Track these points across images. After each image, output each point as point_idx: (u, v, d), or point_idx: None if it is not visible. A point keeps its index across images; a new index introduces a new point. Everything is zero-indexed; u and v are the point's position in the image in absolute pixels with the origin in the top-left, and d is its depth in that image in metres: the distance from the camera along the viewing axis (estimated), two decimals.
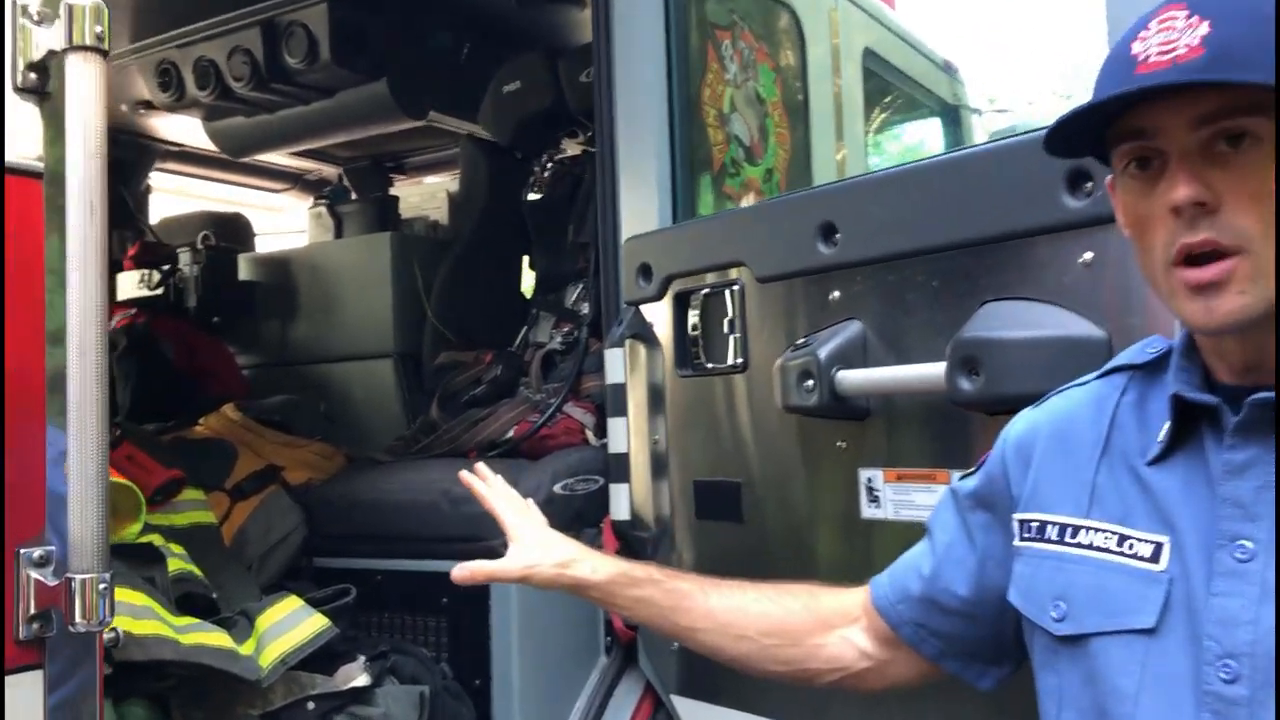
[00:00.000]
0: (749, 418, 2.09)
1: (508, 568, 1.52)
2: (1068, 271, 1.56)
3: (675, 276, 2.23)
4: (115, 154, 4.26)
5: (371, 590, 2.49)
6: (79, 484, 1.24)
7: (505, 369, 2.90)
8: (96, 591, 1.25)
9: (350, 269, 3.33)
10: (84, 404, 1.24)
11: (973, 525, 1.30)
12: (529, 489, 2.41)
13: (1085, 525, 1.16)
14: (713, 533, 2.16)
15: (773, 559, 2.06)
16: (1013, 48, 5.00)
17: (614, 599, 1.49)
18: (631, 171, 2.40)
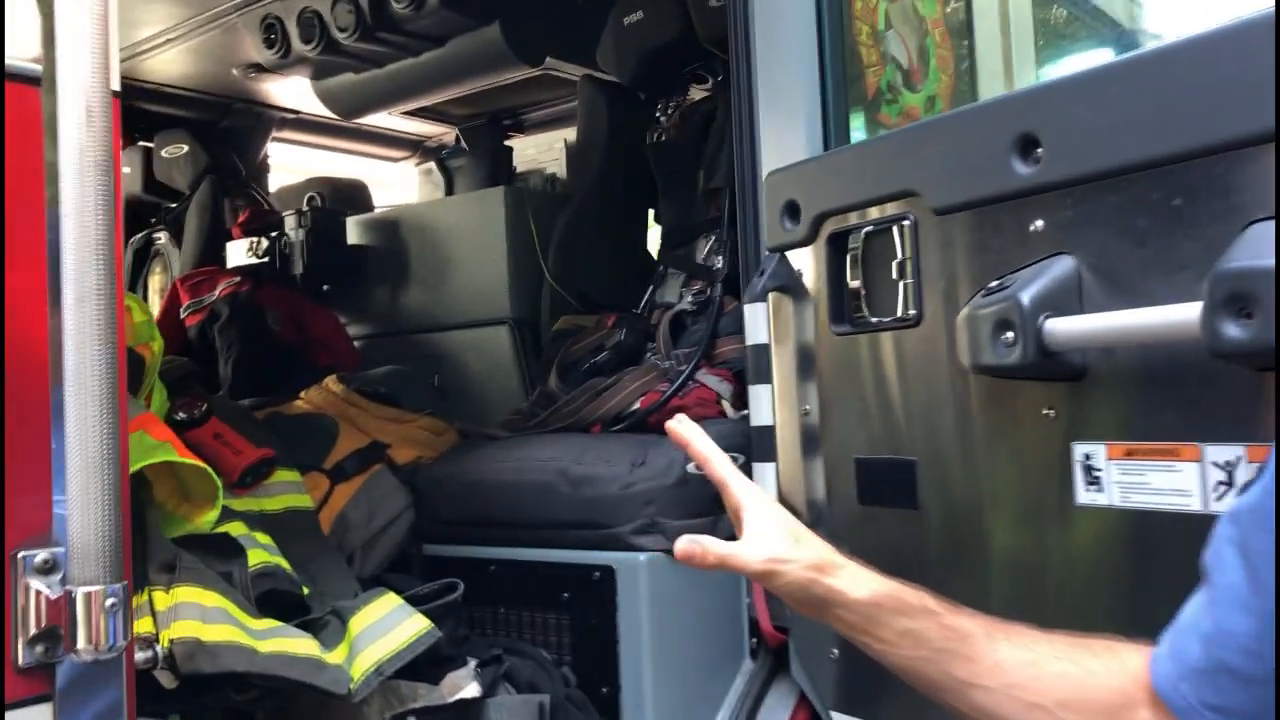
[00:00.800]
0: (924, 381, 1.72)
1: (746, 556, 1.19)
2: None
3: (828, 215, 1.87)
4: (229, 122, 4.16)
5: (484, 582, 2.22)
6: (78, 469, 0.96)
7: (630, 333, 2.59)
8: (103, 609, 0.97)
9: (461, 228, 3.06)
10: (83, 365, 0.96)
11: (1258, 555, 0.92)
12: (658, 469, 2.10)
13: None
14: (879, 522, 1.80)
15: (953, 554, 1.69)
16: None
17: (873, 626, 1.15)
18: (773, 97, 2.06)
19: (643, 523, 2.04)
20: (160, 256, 4.23)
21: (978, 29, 2.82)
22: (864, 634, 1.16)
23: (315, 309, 3.27)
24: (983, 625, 1.12)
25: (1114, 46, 3.89)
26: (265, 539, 1.92)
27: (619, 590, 2.04)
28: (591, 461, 2.14)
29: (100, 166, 0.97)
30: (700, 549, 1.19)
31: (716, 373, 2.41)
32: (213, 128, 4.21)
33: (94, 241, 0.96)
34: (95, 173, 0.97)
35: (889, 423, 1.79)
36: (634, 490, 2.07)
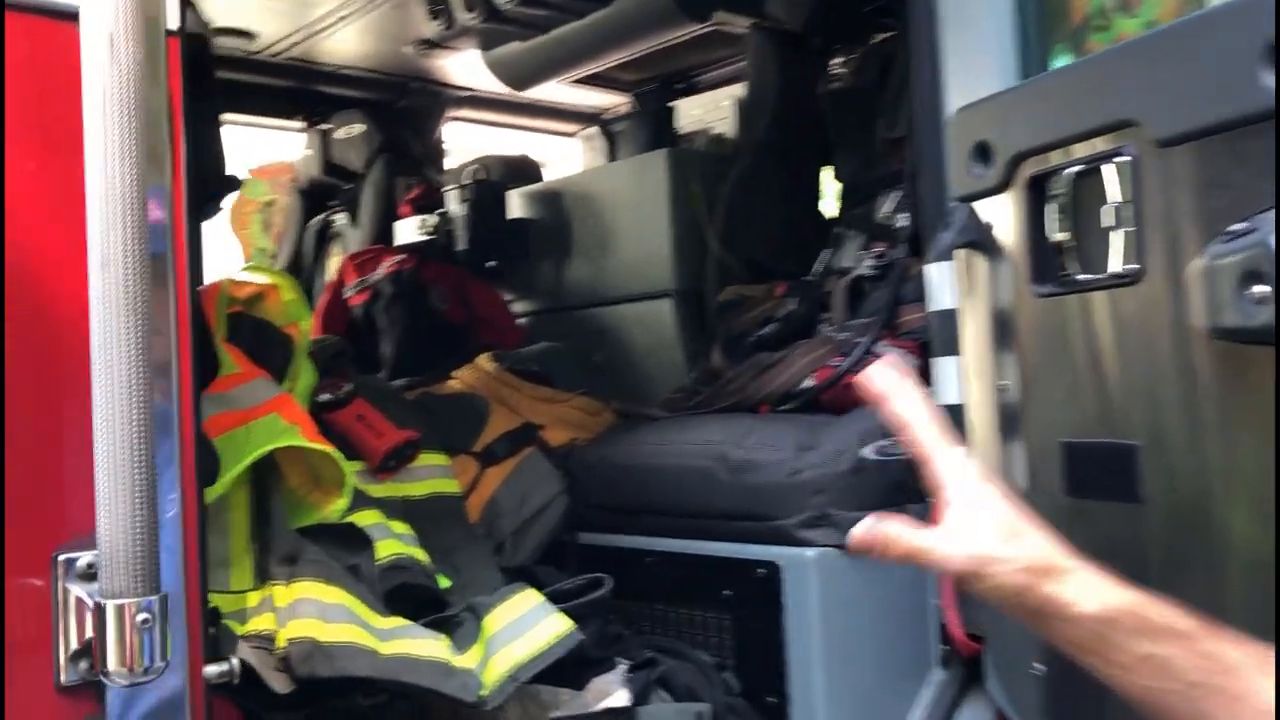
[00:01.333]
0: (1147, 349, 1.43)
1: (945, 551, 0.96)
2: None
3: (1026, 155, 1.58)
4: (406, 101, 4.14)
5: (640, 575, 2.04)
6: (104, 462, 0.82)
7: (802, 302, 2.35)
8: (135, 625, 0.83)
9: (623, 196, 2.88)
10: (108, 341, 0.82)
11: None
12: (829, 454, 1.86)
13: None
14: (1092, 517, 1.51)
15: (1182, 555, 1.40)
16: None
17: (1105, 648, 0.90)
18: (960, 25, 1.80)
19: (811, 515, 1.82)
20: (339, 238, 4.26)
21: None
22: (1093, 655, 0.92)
23: (479, 286, 3.17)
24: (1255, 655, 0.86)
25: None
26: (402, 528, 1.80)
27: (786, 589, 1.83)
28: (754, 445, 1.92)
29: (132, 109, 0.82)
30: (884, 537, 0.97)
31: (899, 344, 2.15)
32: (389, 108, 4.20)
33: (122, 196, 0.82)
34: (123, 116, 0.82)
35: (1103, 400, 1.50)
36: (801, 478, 1.84)
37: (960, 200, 1.69)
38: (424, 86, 4.29)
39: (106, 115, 0.82)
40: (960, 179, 1.69)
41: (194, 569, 0.96)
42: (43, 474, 0.87)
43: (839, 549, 1.81)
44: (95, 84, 0.82)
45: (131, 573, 0.82)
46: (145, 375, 0.82)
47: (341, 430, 1.99)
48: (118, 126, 0.82)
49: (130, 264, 0.82)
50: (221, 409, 1.77)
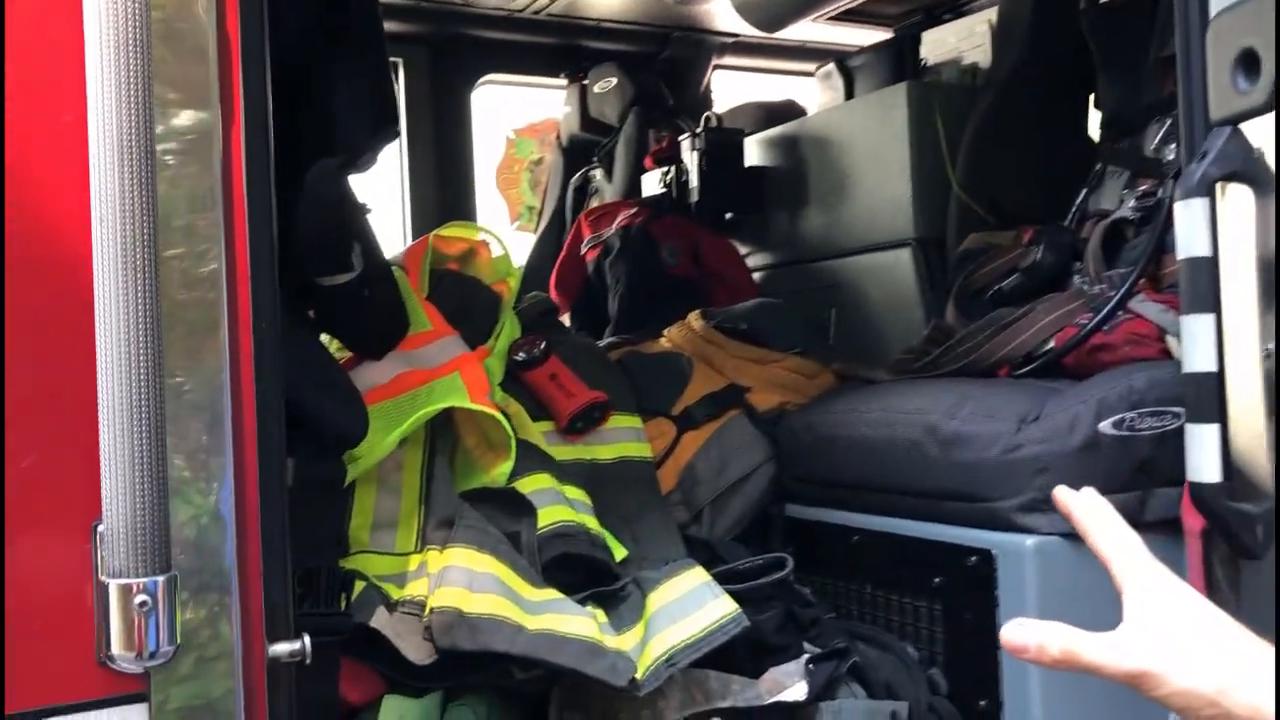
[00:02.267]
0: None
1: (1108, 657, 0.84)
2: None
3: None
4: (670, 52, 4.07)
5: (847, 553, 1.86)
6: (108, 427, 0.76)
7: (1049, 250, 2.05)
8: (134, 607, 0.77)
9: (860, 136, 2.65)
10: (107, 298, 0.76)
11: None
12: (1057, 427, 1.61)
13: None
14: None
15: None
16: None
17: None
18: None
19: (1032, 496, 1.57)
20: (598, 194, 4.26)
21: None
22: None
23: (712, 239, 3.03)
24: None
25: None
26: (577, 494, 1.71)
27: (1000, 580, 1.59)
28: (969, 416, 1.68)
29: (126, 47, 0.75)
30: (1035, 641, 0.86)
31: (1160, 299, 1.83)
32: (653, 60, 4.14)
33: (117, 143, 0.75)
34: (119, 54, 0.75)
35: None
36: (1021, 455, 1.59)
37: (1219, 124, 1.38)
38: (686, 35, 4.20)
39: (103, 52, 0.75)
40: (1220, 96, 1.38)
41: (254, 547, 0.90)
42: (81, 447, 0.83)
43: (1063, 536, 1.56)
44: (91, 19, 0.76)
45: (133, 550, 0.76)
46: (149, 331, 0.76)
47: (534, 389, 1.94)
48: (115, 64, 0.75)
49: (130, 218, 0.75)
50: (408, 366, 1.75)
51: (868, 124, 2.63)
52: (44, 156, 0.82)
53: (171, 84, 0.83)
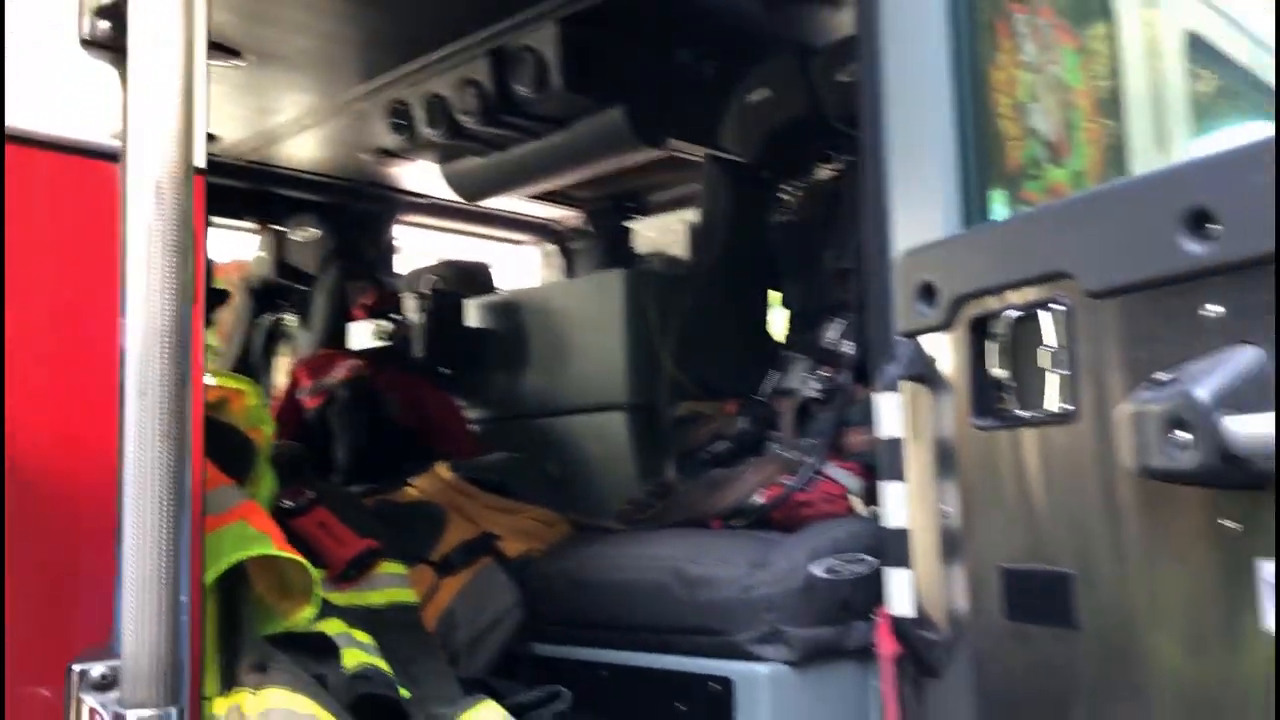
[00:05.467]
0: (1080, 484, 1.54)
1: None
2: None
3: (969, 297, 1.71)
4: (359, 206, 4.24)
5: (595, 688, 2.08)
6: (134, 580, 0.87)
7: (752, 422, 2.45)
8: None
9: (579, 311, 2.99)
10: (143, 464, 0.88)
11: None
12: (781, 571, 1.94)
13: None
14: (1032, 641, 1.60)
15: (1114, 680, 1.49)
16: None
17: None
18: (906, 173, 1.92)
19: (764, 631, 1.89)
20: (289, 339, 4.30)
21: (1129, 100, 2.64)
22: None
23: (434, 393, 3.23)
24: None
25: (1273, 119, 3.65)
26: (365, 637, 1.82)
27: (737, 704, 1.88)
28: (708, 561, 1.99)
29: (172, 248, 0.90)
30: None
31: (845, 466, 2.25)
32: (342, 211, 4.29)
33: (160, 329, 0.89)
34: (165, 254, 0.90)
35: (1039, 529, 1.61)
36: (754, 595, 1.92)
37: (906, 335, 1.81)
38: (378, 192, 4.40)
39: (150, 253, 0.90)
40: (906, 315, 1.82)
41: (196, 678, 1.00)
42: (59, 586, 0.91)
43: (790, 665, 1.88)
44: (139, 224, 0.90)
45: (154, 685, 0.86)
46: (175, 497, 0.88)
47: (303, 537, 2.03)
48: (160, 263, 0.89)
49: (166, 391, 0.88)
50: None
51: (587, 301, 2.97)
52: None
53: None
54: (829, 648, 1.91)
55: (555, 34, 2.96)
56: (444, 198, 4.22)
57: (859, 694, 1.93)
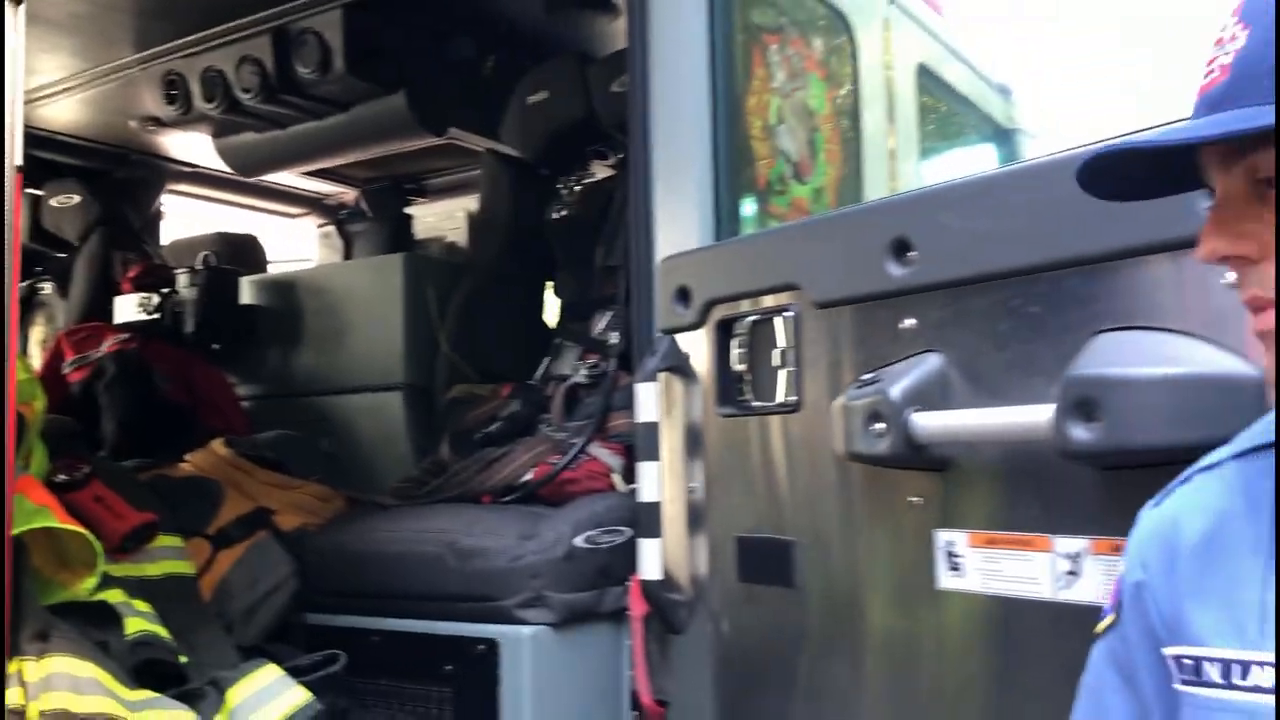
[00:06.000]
0: (803, 465, 1.80)
1: None
2: (1208, 295, 1.26)
3: (717, 301, 1.95)
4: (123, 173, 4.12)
5: (368, 653, 2.21)
6: None
7: (524, 404, 2.63)
8: None
9: (358, 293, 3.08)
10: None
11: (1119, 682, 1.00)
12: (547, 541, 2.13)
13: (1260, 661, 0.86)
14: (759, 598, 1.86)
15: (829, 633, 1.76)
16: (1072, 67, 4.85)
17: None
18: (668, 185, 2.14)
19: (528, 596, 2.07)
20: (44, 308, 4.13)
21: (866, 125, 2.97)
22: None
23: (205, 369, 3.23)
24: None
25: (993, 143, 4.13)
26: (144, 606, 1.89)
27: (503, 664, 2.06)
28: (480, 534, 2.16)
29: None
30: None
31: (609, 446, 2.46)
32: (106, 178, 4.14)
33: None
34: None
35: (771, 503, 1.86)
36: (521, 564, 2.10)
37: (664, 332, 2.04)
38: (144, 159, 4.27)
39: None
40: (664, 315, 2.04)
41: None
42: None
43: (551, 626, 2.07)
44: None
45: None
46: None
47: (80, 511, 2.05)
48: None
49: None
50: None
51: (367, 284, 3.06)
52: None
53: None
54: (587, 610, 2.12)
55: (339, 19, 3.00)
56: (215, 168, 4.16)
57: (613, 651, 2.15)
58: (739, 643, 1.92)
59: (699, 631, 1.96)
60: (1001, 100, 4.01)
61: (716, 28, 2.19)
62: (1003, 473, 1.49)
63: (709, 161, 2.13)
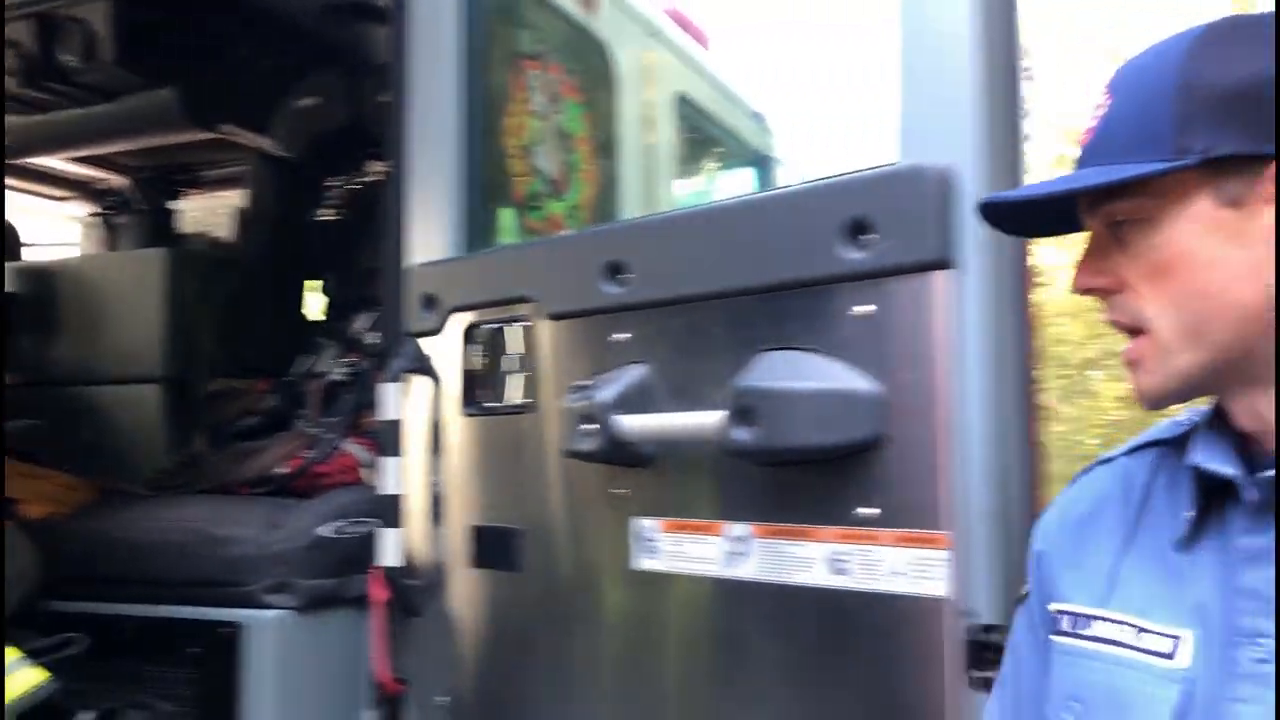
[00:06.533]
0: (534, 461, 2.00)
1: None
2: (845, 323, 1.53)
3: (460, 309, 2.12)
4: None
5: (115, 637, 2.26)
6: None
7: (281, 399, 2.72)
8: None
9: (120, 285, 3.07)
10: None
11: (1032, 640, 1.18)
12: (295, 531, 2.25)
13: (1100, 616, 1.06)
14: (489, 581, 2.05)
15: (548, 610, 1.96)
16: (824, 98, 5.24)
17: None
18: (422, 197, 2.29)
19: (274, 581, 2.18)
20: None
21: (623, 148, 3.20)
22: None
23: None
24: None
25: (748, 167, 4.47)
26: None
27: (247, 646, 2.16)
28: (231, 523, 2.26)
29: None
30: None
31: (362, 441, 2.58)
32: None
33: None
34: None
35: (504, 496, 2.05)
36: (270, 551, 2.21)
37: (410, 335, 2.19)
38: None
39: None
40: (411, 319, 2.20)
41: None
42: None
43: (295, 610, 2.19)
44: None
45: None
46: None
47: None
48: None
49: None
50: None
51: (129, 275, 3.05)
52: None
53: None
54: (330, 596, 2.25)
55: (108, 8, 2.99)
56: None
57: (356, 634, 2.28)
58: (472, 623, 2.10)
59: (437, 614, 2.13)
60: (757, 127, 4.35)
61: (473, 48, 2.35)
62: (689, 468, 1.73)
63: (461, 176, 2.28)
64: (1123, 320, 1.03)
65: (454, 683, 2.11)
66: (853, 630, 1.50)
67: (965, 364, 1.42)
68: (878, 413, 1.48)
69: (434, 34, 2.31)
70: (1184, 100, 0.96)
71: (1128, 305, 1.02)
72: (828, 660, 1.53)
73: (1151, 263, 0.99)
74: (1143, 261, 1.00)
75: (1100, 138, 1.02)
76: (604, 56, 3.14)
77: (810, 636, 1.55)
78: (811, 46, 5.77)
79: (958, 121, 1.45)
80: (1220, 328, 0.97)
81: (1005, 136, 1.47)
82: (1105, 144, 1.01)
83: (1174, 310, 0.98)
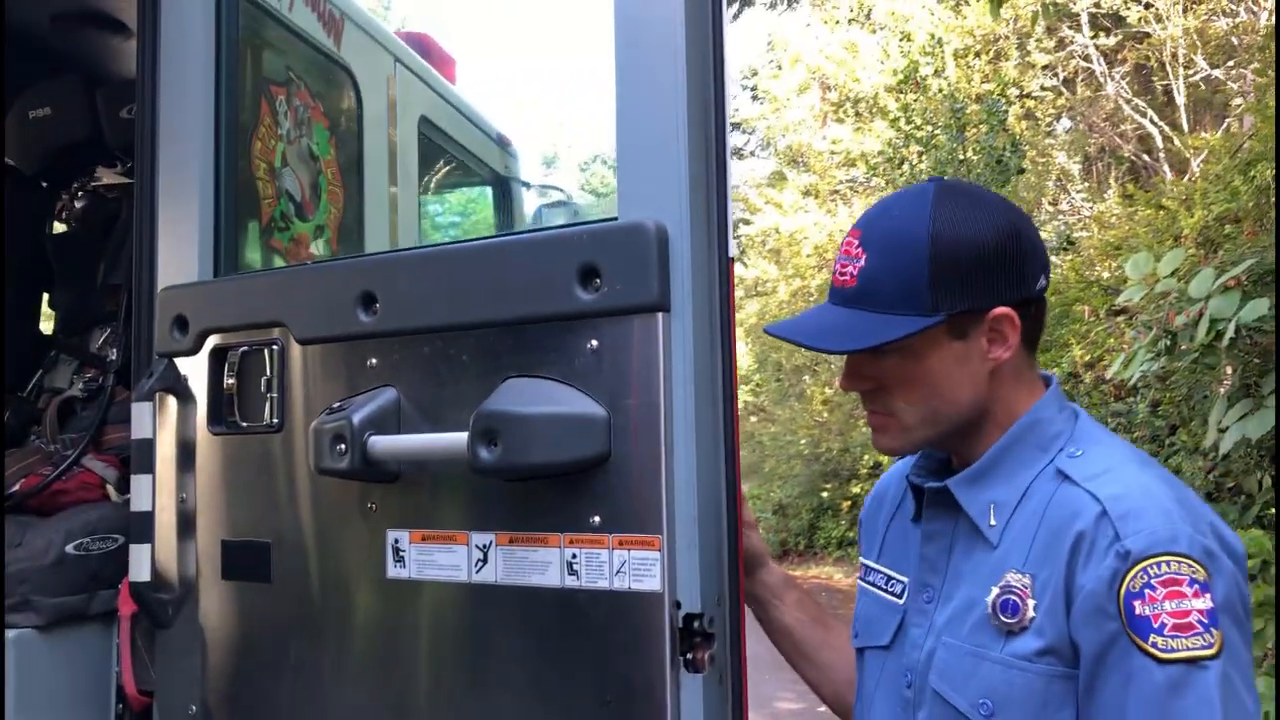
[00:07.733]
0: (283, 479, 2.11)
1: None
2: (578, 356, 1.75)
3: (212, 331, 2.20)
4: None
5: None
6: None
7: (13, 416, 2.67)
8: None
9: None
10: None
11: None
12: (37, 549, 2.26)
13: (872, 566, 1.69)
14: (240, 593, 2.14)
15: (301, 618, 2.08)
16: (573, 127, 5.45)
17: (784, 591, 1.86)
18: (171, 218, 2.34)
19: (15, 601, 2.18)
20: None
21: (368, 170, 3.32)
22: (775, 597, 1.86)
23: None
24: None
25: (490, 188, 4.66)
26: None
27: None
28: None
29: None
30: None
31: (104, 458, 2.59)
32: None
33: None
34: None
35: (254, 510, 2.14)
36: (10, 571, 2.20)
37: (161, 355, 2.25)
38: None
39: None
40: (163, 339, 2.25)
41: None
42: None
43: (37, 629, 2.20)
44: None
45: None
46: None
47: None
48: None
49: None
50: None
51: None
52: None
53: None
54: (75, 613, 2.27)
55: None
56: None
57: (104, 650, 2.31)
58: (223, 633, 2.18)
59: (186, 626, 2.19)
60: (500, 151, 4.55)
61: (224, 76, 2.42)
62: (437, 484, 1.91)
63: (211, 199, 2.34)
64: (878, 410, 1.52)
65: (204, 693, 2.18)
66: (584, 623, 1.72)
67: (676, 392, 1.68)
68: (605, 433, 1.71)
69: (183, 53, 2.35)
70: (935, 268, 1.40)
71: (881, 399, 1.51)
72: (563, 650, 1.75)
73: (903, 376, 1.47)
74: (896, 374, 1.48)
75: (864, 289, 1.44)
76: (349, 80, 3.25)
77: (548, 631, 1.76)
78: (555, 77, 5.94)
79: (672, 185, 1.71)
80: (947, 417, 1.49)
81: (712, 200, 1.74)
82: (870, 295, 1.43)
83: (918, 405, 1.48)
